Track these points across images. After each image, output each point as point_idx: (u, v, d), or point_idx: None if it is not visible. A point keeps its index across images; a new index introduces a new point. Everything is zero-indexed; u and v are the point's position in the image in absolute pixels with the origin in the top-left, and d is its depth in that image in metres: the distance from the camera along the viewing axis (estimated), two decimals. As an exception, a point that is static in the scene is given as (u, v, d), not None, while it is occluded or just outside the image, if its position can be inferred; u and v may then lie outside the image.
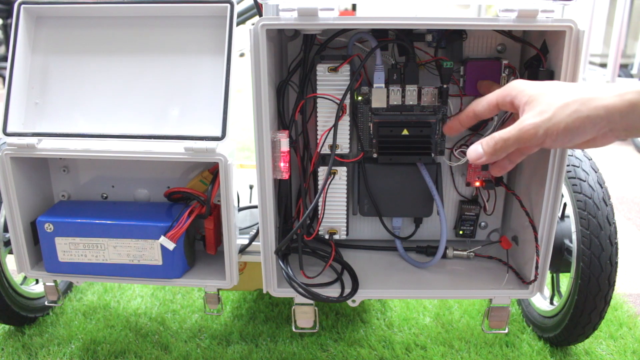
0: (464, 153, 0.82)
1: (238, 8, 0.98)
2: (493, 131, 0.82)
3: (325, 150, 0.77)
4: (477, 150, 0.54)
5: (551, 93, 0.49)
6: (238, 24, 0.99)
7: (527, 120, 0.49)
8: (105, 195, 0.89)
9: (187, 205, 0.82)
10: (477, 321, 1.10)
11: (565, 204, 0.96)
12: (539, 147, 0.51)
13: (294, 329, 0.83)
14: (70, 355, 1.00)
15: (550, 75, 0.70)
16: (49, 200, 0.89)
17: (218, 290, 0.85)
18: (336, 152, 0.77)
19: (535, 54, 0.73)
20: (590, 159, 0.95)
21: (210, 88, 0.77)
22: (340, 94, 0.74)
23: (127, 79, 0.80)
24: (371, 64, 0.77)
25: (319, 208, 0.80)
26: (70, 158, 0.86)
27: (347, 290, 0.78)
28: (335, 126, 0.75)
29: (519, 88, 0.54)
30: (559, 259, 0.94)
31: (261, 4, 0.74)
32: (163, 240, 0.78)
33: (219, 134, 0.74)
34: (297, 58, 0.78)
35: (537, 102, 0.50)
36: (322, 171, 0.77)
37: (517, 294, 0.80)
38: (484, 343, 1.03)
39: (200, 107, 0.78)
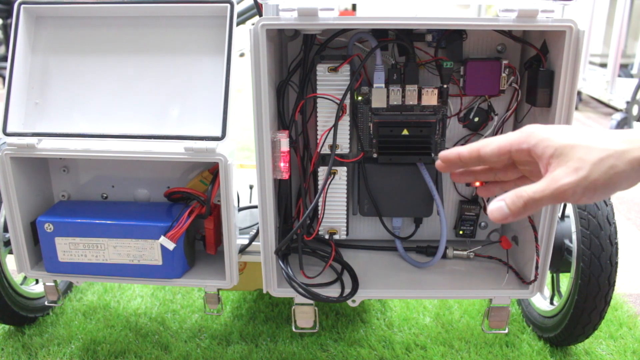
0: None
1: (238, 8, 0.98)
2: (494, 133, 0.82)
3: (325, 150, 0.77)
4: (501, 209, 0.48)
5: (581, 146, 0.46)
6: (238, 24, 0.99)
7: (562, 179, 0.45)
8: (105, 195, 0.89)
9: (187, 205, 0.82)
10: (477, 321, 1.10)
11: (565, 204, 0.96)
12: (570, 202, 0.48)
13: (294, 329, 0.83)
14: (70, 355, 1.00)
15: (550, 75, 0.70)
16: (49, 200, 0.89)
17: (218, 290, 0.85)
18: (336, 152, 0.77)
19: (535, 54, 0.73)
20: (590, 159, 0.94)
21: (210, 88, 0.77)
22: (340, 94, 0.74)
23: (127, 79, 0.80)
24: (371, 64, 0.77)
25: (319, 208, 0.80)
26: (70, 158, 0.86)
27: (347, 290, 0.78)
28: (335, 126, 0.75)
29: (539, 136, 0.49)
30: (559, 259, 0.94)
31: (261, 4, 0.74)
32: (163, 240, 0.78)
33: (219, 134, 0.74)
34: (297, 58, 0.78)
35: (567, 156, 0.46)
36: (322, 171, 0.77)
37: (517, 294, 0.80)
38: (484, 343, 1.03)
39: (200, 107, 0.78)
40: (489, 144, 0.53)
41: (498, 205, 0.48)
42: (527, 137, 0.50)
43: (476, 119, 0.81)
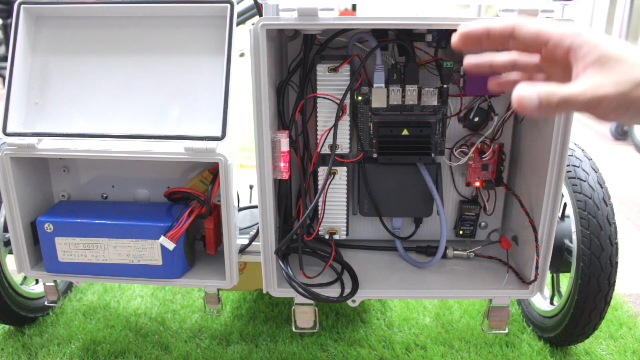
0: (464, 153, 0.82)
1: (238, 8, 0.98)
2: (494, 133, 0.82)
3: (325, 150, 0.77)
4: (531, 99, 0.44)
5: (627, 61, 0.43)
6: (238, 24, 0.99)
7: (602, 88, 0.42)
8: (105, 195, 0.89)
9: (187, 205, 0.82)
10: (477, 321, 1.10)
11: (565, 204, 0.96)
12: (594, 114, 0.46)
13: (294, 329, 0.83)
14: (70, 355, 1.00)
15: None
16: (49, 200, 0.89)
17: (218, 290, 0.85)
18: (336, 152, 0.77)
19: (535, 54, 0.73)
20: (590, 159, 0.95)
21: (210, 88, 0.77)
22: (340, 94, 0.74)
23: (127, 79, 0.80)
24: (371, 64, 0.77)
25: (319, 208, 0.80)
26: (70, 158, 0.86)
27: (347, 290, 0.78)
28: (335, 126, 0.75)
29: (586, 38, 0.45)
30: (559, 259, 0.94)
31: (261, 4, 0.74)
32: (163, 240, 0.78)
33: (219, 134, 0.74)
34: (297, 58, 0.78)
35: (611, 66, 0.43)
36: (322, 171, 0.77)
37: (517, 294, 0.80)
38: (484, 343, 1.03)
39: (200, 107, 0.78)
40: (526, 25, 0.48)
41: (529, 95, 0.44)
42: (574, 35, 0.46)
43: (476, 119, 0.81)
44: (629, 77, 0.43)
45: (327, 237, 0.83)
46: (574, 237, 0.91)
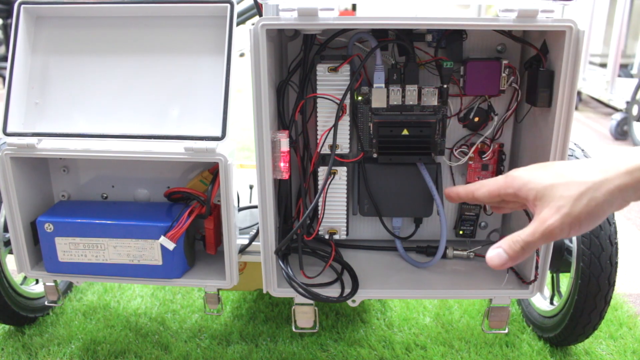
0: (464, 153, 0.82)
1: (238, 8, 0.98)
2: (494, 133, 0.82)
3: (325, 150, 0.77)
4: (500, 255, 0.51)
5: (560, 184, 0.48)
6: (238, 24, 0.99)
7: (548, 220, 0.48)
8: (105, 195, 0.89)
9: (187, 205, 0.82)
10: (477, 321, 1.10)
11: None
12: (560, 238, 0.51)
13: (294, 329, 0.83)
14: (70, 355, 1.00)
15: (551, 75, 0.70)
16: (49, 200, 0.89)
17: (218, 290, 0.85)
18: (336, 152, 0.77)
19: (535, 54, 0.73)
20: (590, 159, 0.94)
21: (210, 88, 0.77)
22: (340, 94, 0.74)
23: (127, 79, 0.80)
24: (371, 64, 0.77)
25: (319, 208, 0.80)
26: (70, 158, 0.86)
27: (347, 290, 0.78)
28: (335, 126, 0.75)
29: (520, 181, 0.52)
30: (559, 259, 0.94)
31: (261, 4, 0.74)
32: (163, 240, 0.78)
33: (219, 134, 0.74)
34: (297, 58, 0.78)
35: (549, 197, 0.49)
36: (322, 171, 0.77)
37: (517, 294, 0.80)
38: (484, 343, 1.03)
39: (200, 107, 0.78)
40: (480, 188, 0.57)
41: (497, 252, 0.51)
42: (510, 182, 0.53)
43: (476, 119, 0.81)
44: (566, 199, 0.47)
45: (327, 237, 0.83)
46: (574, 237, 0.91)
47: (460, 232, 0.88)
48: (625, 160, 0.46)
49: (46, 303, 0.91)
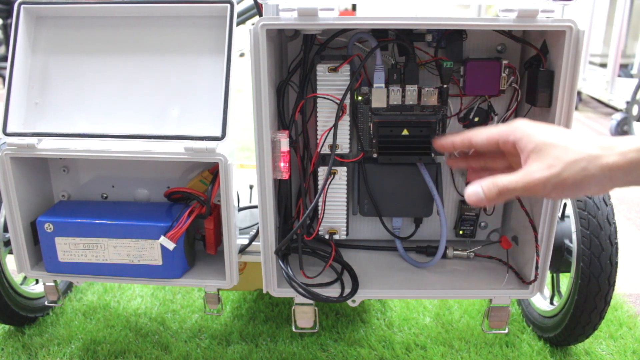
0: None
1: (238, 8, 0.98)
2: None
3: (325, 150, 0.77)
4: (477, 193, 0.53)
5: (559, 146, 0.50)
6: (238, 24, 0.99)
7: (535, 173, 0.50)
8: (105, 195, 0.89)
9: (187, 205, 0.82)
10: (477, 321, 1.10)
11: (565, 204, 0.96)
12: (537, 195, 0.52)
13: (294, 329, 0.83)
14: (70, 355, 1.00)
15: (550, 75, 0.70)
16: (49, 200, 0.89)
17: (218, 290, 0.85)
18: (336, 152, 0.77)
19: (535, 54, 0.73)
20: (590, 159, 0.94)
21: (210, 88, 0.77)
22: (340, 94, 0.74)
23: (127, 79, 0.80)
24: (371, 64, 0.77)
25: (319, 208, 0.80)
26: (70, 158, 0.86)
27: (347, 290, 0.78)
28: (335, 126, 0.75)
29: (524, 131, 0.53)
30: (559, 259, 0.94)
31: (261, 4, 0.74)
32: (163, 240, 0.78)
33: (219, 134, 0.74)
34: (297, 58, 0.78)
35: (545, 153, 0.50)
36: (322, 171, 0.77)
37: (517, 294, 0.80)
38: (484, 343, 1.03)
39: (200, 107, 0.78)
40: (479, 134, 0.58)
41: (475, 190, 0.53)
42: (513, 131, 0.55)
43: (476, 119, 0.81)
44: (560, 160, 0.49)
45: (327, 237, 0.83)
46: (574, 237, 0.91)
47: (460, 232, 0.88)
48: (623, 142, 0.48)
49: (46, 303, 0.91)
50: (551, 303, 1.03)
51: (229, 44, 0.74)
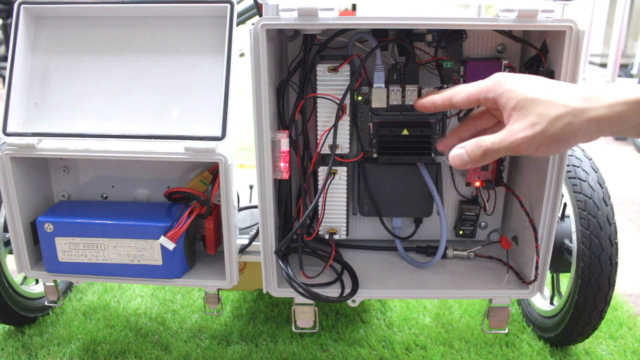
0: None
1: (238, 8, 0.98)
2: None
3: (325, 150, 0.77)
4: (461, 156, 0.51)
5: (542, 101, 0.48)
6: (238, 24, 0.99)
7: (519, 133, 0.48)
8: (105, 195, 0.89)
9: (187, 205, 0.82)
10: (477, 321, 1.10)
11: (565, 204, 0.96)
12: (523, 154, 0.50)
13: (294, 329, 0.83)
14: (70, 355, 1.00)
15: (551, 75, 0.70)
16: (49, 200, 0.89)
17: (218, 290, 0.85)
18: (336, 152, 0.77)
19: (535, 54, 0.73)
20: (590, 159, 0.95)
21: (210, 88, 0.77)
22: (340, 94, 0.74)
23: (127, 79, 0.80)
24: (371, 64, 0.77)
25: (319, 208, 0.80)
26: (70, 158, 0.86)
27: (347, 290, 0.78)
28: (335, 126, 0.75)
29: (504, 86, 0.51)
30: (559, 259, 0.94)
31: (261, 4, 0.74)
32: (163, 240, 0.78)
33: (219, 134, 0.74)
34: (297, 58, 0.78)
35: (527, 110, 0.48)
36: (322, 171, 0.77)
37: (517, 294, 0.80)
38: (484, 343, 1.03)
39: (200, 107, 0.78)
40: (459, 92, 0.56)
41: (458, 152, 0.52)
42: (494, 86, 0.52)
43: (476, 119, 0.81)
44: (543, 117, 0.47)
45: (327, 237, 0.83)
46: (574, 237, 0.91)
47: (460, 232, 0.88)
48: (609, 94, 0.46)
49: (46, 303, 0.91)
50: (551, 303, 1.03)
51: (229, 44, 0.74)
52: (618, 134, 0.47)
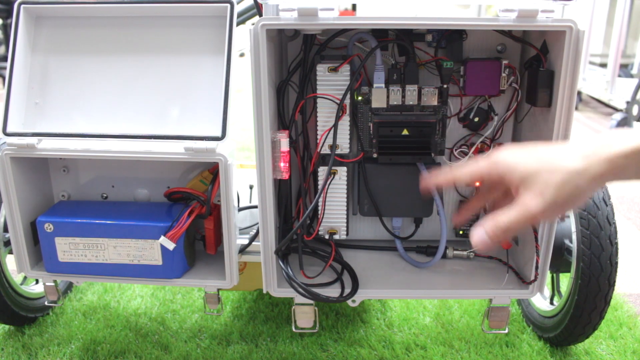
0: (464, 153, 0.82)
1: (238, 8, 0.98)
2: (494, 133, 0.82)
3: (325, 150, 0.77)
4: (482, 237, 0.52)
5: (544, 170, 0.49)
6: (238, 24, 0.99)
7: (531, 206, 0.49)
8: (105, 195, 0.89)
9: (187, 205, 0.82)
10: (477, 321, 1.10)
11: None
12: (543, 221, 0.51)
13: (294, 329, 0.83)
14: (70, 355, 1.00)
15: (550, 75, 0.70)
16: (49, 200, 0.89)
17: (218, 290, 0.85)
18: (336, 152, 0.77)
19: (535, 54, 0.73)
20: (590, 159, 0.94)
21: (210, 88, 0.77)
22: (340, 94, 0.74)
23: (127, 79, 0.80)
24: (371, 64, 0.77)
25: (319, 208, 0.80)
26: (70, 158, 0.86)
27: (347, 290, 0.78)
28: (335, 126, 0.75)
29: (504, 165, 0.52)
30: (559, 259, 0.94)
31: (261, 4, 0.74)
32: (163, 240, 0.78)
33: (219, 134, 0.74)
34: (297, 58, 0.78)
35: (533, 181, 0.49)
36: (322, 171, 0.77)
37: (517, 294, 0.80)
38: (484, 343, 1.03)
39: (200, 107, 0.78)
40: (462, 172, 0.57)
41: (481, 238, 0.52)
42: (495, 167, 0.53)
43: (476, 119, 0.81)
44: (549, 185, 0.48)
45: (327, 237, 0.83)
46: (574, 237, 0.91)
47: (460, 232, 0.88)
48: (607, 146, 0.46)
49: (46, 303, 0.91)
50: (551, 303, 1.03)
51: (229, 44, 0.74)
52: (623, 181, 0.48)
